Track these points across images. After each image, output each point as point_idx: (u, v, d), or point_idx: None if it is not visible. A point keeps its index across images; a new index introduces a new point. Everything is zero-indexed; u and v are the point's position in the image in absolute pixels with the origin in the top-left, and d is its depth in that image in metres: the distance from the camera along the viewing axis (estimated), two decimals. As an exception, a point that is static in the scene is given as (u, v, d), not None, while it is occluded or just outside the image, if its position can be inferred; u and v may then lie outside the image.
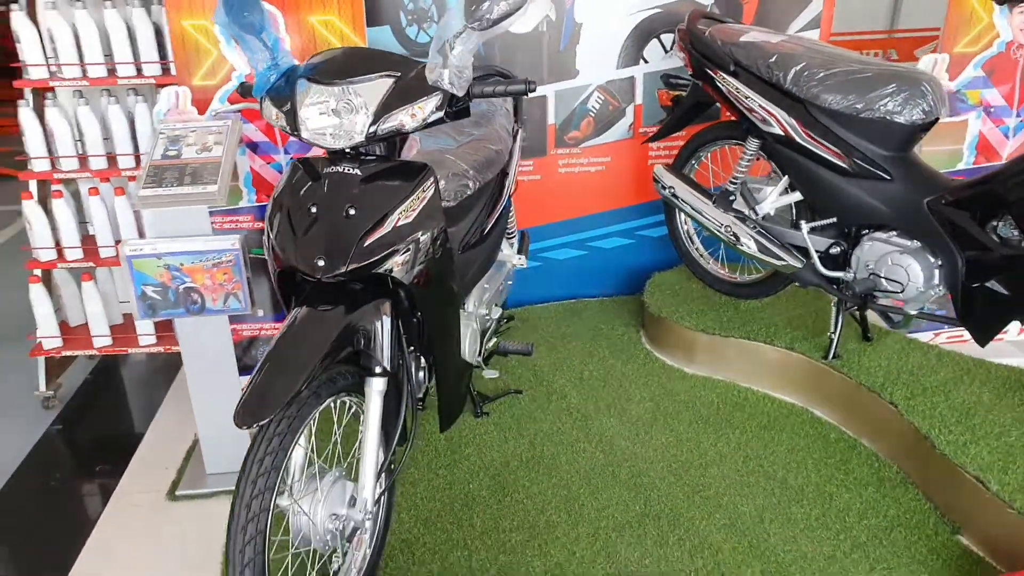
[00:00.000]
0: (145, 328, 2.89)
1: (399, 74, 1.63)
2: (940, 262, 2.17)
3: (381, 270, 1.60)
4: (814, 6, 3.07)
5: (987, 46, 2.75)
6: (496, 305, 2.60)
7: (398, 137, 1.68)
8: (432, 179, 1.69)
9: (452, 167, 2.17)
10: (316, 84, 1.61)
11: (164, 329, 2.91)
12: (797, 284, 2.57)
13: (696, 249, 3.02)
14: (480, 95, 1.71)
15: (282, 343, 1.51)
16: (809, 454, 2.34)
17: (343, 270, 1.54)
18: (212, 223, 2.25)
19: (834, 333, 2.49)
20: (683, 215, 2.91)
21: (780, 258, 2.48)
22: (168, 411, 2.87)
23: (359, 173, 1.60)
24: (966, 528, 2.01)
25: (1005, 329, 2.28)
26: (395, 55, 1.73)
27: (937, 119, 2.20)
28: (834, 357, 2.49)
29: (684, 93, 2.83)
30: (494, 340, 2.46)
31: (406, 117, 1.61)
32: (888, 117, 2.18)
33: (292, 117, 1.61)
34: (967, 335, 3.18)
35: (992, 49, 2.75)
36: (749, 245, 2.55)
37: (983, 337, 2.12)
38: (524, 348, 2.46)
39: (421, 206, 1.65)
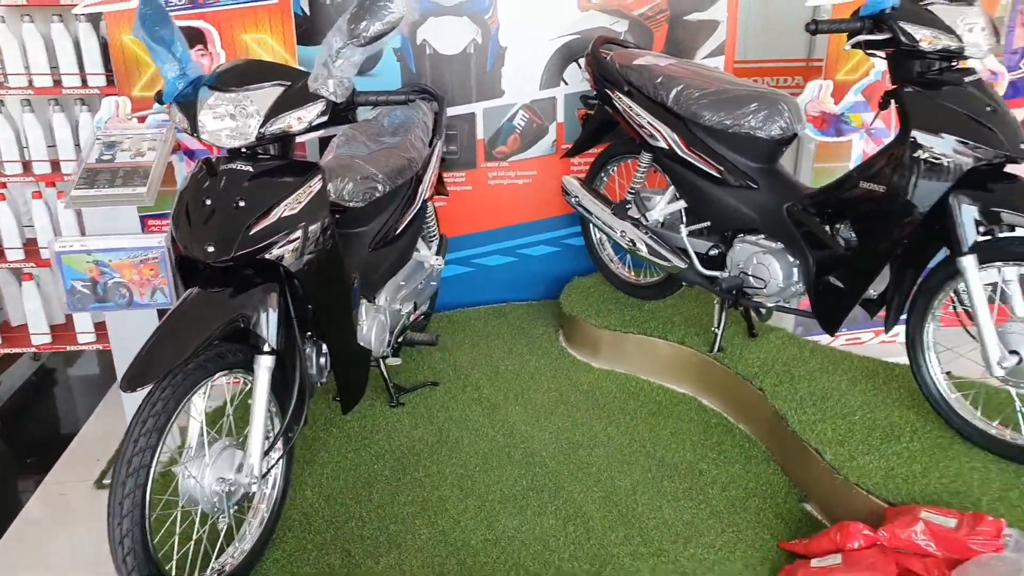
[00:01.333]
0: (84, 327, 3.09)
1: (289, 83, 1.86)
2: (797, 261, 2.41)
3: (269, 256, 1.82)
4: (718, 35, 3.35)
5: (865, 74, 3.02)
6: (416, 303, 2.83)
7: (290, 139, 1.91)
8: (319, 176, 1.92)
9: (361, 171, 2.41)
10: (216, 91, 1.84)
11: (104, 328, 3.11)
12: (685, 283, 2.80)
13: (607, 255, 3.26)
14: (363, 103, 1.95)
15: (171, 318, 1.73)
16: (689, 436, 2.56)
17: (231, 255, 1.76)
18: (148, 227, 2.47)
19: (718, 328, 2.72)
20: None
21: (667, 259, 2.71)
22: (107, 407, 3.06)
23: (251, 170, 1.83)
24: (811, 497, 2.23)
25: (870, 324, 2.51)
26: (288, 67, 1.98)
27: (795, 135, 2.45)
28: (718, 350, 2.72)
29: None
30: (406, 333, 2.68)
31: (293, 120, 1.84)
32: (752, 132, 2.43)
33: (193, 120, 1.84)
34: (864, 337, 3.44)
35: (870, 77, 3.02)
36: (642, 248, 2.79)
37: (830, 326, 2.35)
38: (430, 339, 2.68)
39: (307, 200, 1.88)
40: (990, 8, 3.03)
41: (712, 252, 2.65)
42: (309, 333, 2.15)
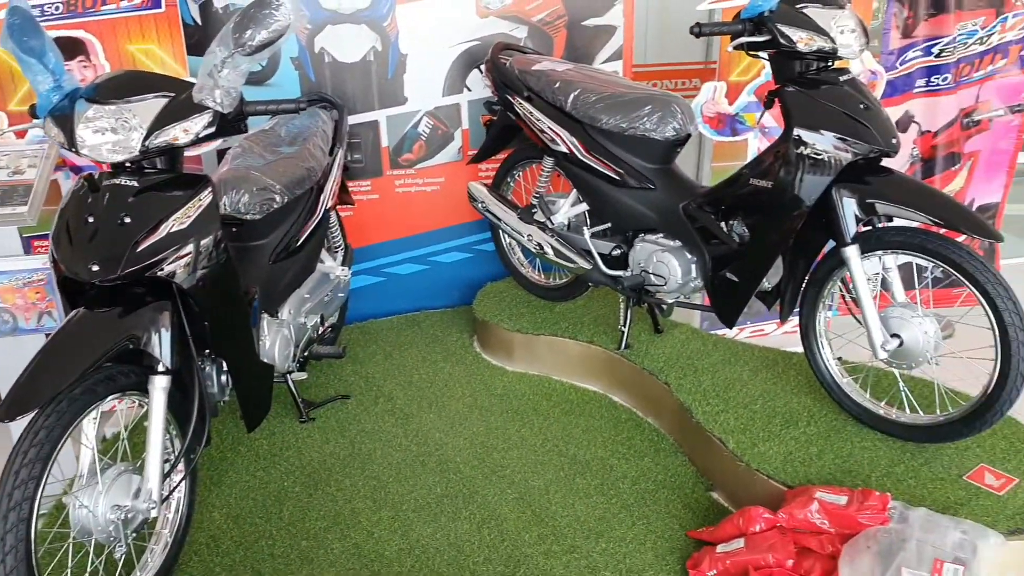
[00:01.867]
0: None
1: (173, 95, 1.81)
2: (694, 258, 2.49)
3: (159, 273, 1.76)
4: (616, 39, 3.42)
5: (756, 75, 3.15)
6: (323, 315, 2.78)
7: (177, 151, 1.85)
8: (209, 189, 1.87)
9: (258, 182, 2.36)
10: (95, 104, 1.77)
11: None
12: (591, 284, 2.86)
13: (517, 259, 3.28)
14: (253, 113, 1.91)
15: (55, 341, 1.65)
16: (600, 433, 2.60)
17: (118, 274, 1.69)
18: (35, 249, 2.35)
19: (624, 326, 2.78)
20: (503, 228, 3.18)
21: (573, 261, 2.76)
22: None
23: (136, 184, 1.77)
24: (717, 485, 2.30)
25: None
26: (172, 78, 1.92)
27: (688, 135, 2.53)
28: (625, 347, 2.78)
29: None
30: (312, 347, 2.63)
31: (178, 132, 1.79)
32: (647, 134, 2.49)
33: (71, 135, 1.76)
34: (767, 329, 3.57)
35: (760, 78, 3.15)
36: (548, 252, 2.82)
37: (728, 318, 2.43)
38: (337, 352, 2.64)
39: (197, 214, 1.82)
40: (864, 13, 3.20)
41: (615, 252, 2.70)
42: (208, 351, 2.08)
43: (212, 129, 1.82)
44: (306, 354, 2.61)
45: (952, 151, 3.54)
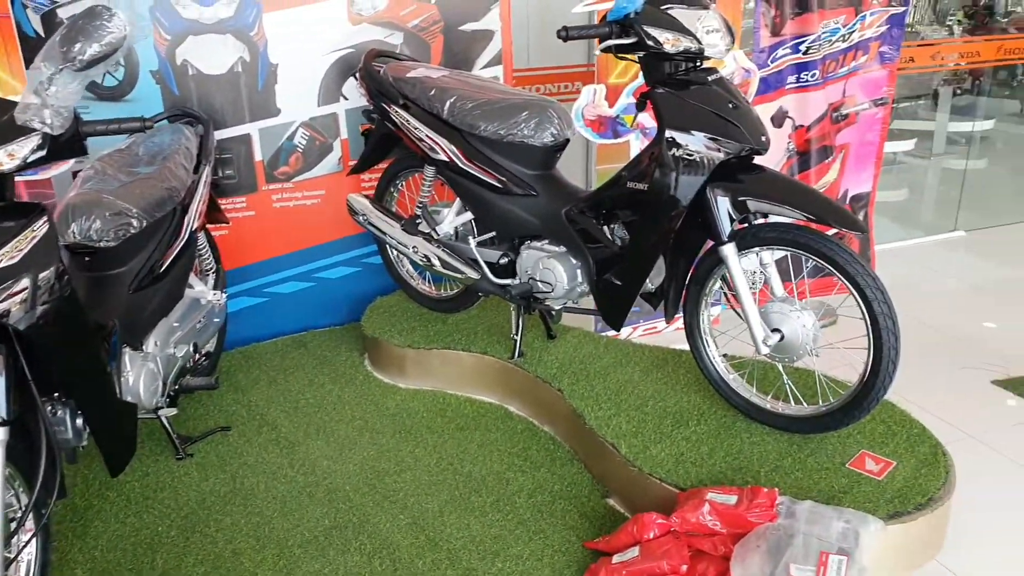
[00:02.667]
0: None
1: (-8, 117, 1.63)
2: (579, 263, 2.46)
3: (-12, 314, 1.58)
4: (495, 44, 3.38)
5: (635, 77, 3.16)
6: (197, 343, 2.61)
7: (5, 178, 1.67)
8: (44, 219, 1.70)
9: (111, 207, 2.18)
10: None
11: None
12: (481, 294, 2.80)
13: (406, 271, 3.19)
14: (92, 133, 1.75)
15: None
16: (496, 446, 2.54)
17: (-64, 317, 1.51)
18: None
19: (516, 335, 2.73)
20: (389, 241, 3.08)
21: (461, 272, 2.69)
22: None
23: (-47, 217, 1.58)
24: (613, 492, 2.28)
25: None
26: (-7, 98, 1.74)
27: (567, 140, 2.51)
28: (519, 356, 2.73)
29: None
30: (183, 379, 2.46)
31: (3, 157, 1.61)
32: (525, 141, 2.45)
33: None
34: (660, 326, 3.59)
35: (639, 80, 3.16)
36: (436, 263, 2.74)
37: (615, 322, 2.42)
38: (209, 383, 2.48)
39: (30, 246, 1.65)
40: (735, 11, 3.27)
41: (503, 261, 2.65)
42: (57, 393, 1.90)
43: (42, 153, 1.65)
44: (176, 388, 2.43)
45: (824, 144, 3.67)
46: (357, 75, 2.93)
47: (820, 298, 2.62)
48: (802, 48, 3.44)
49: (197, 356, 2.64)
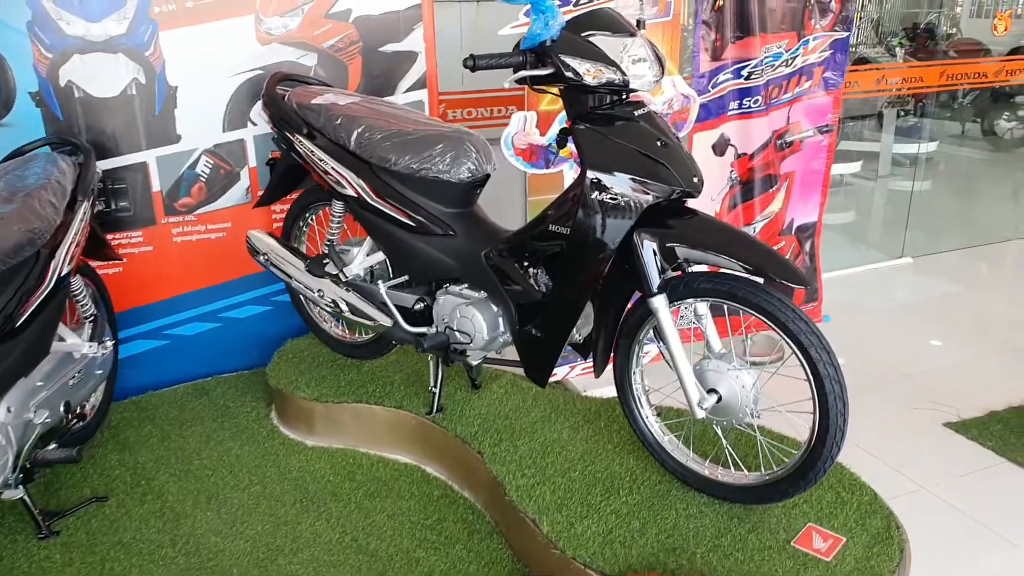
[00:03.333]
0: None
1: None
2: (500, 310, 2.22)
3: None
4: (419, 66, 3.14)
5: (567, 103, 2.94)
6: (70, 402, 2.30)
7: None
8: None
9: (-52, 256, 1.87)
10: None
11: None
12: (395, 342, 2.53)
13: (317, 313, 2.91)
14: None
15: None
16: (408, 517, 2.28)
17: None
18: None
19: (435, 387, 2.48)
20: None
21: (371, 318, 2.43)
22: None
23: None
24: (534, 573, 2.03)
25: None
26: None
27: (487, 176, 2.27)
28: (438, 411, 2.47)
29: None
30: (40, 450, 2.14)
31: None
32: (440, 176, 2.21)
33: None
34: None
35: (569, 106, 2.95)
36: (343, 308, 2.48)
37: (539, 377, 2.18)
38: (69, 455, 2.15)
39: None
40: (673, 37, 3.09)
41: (418, 306, 2.39)
42: None
43: None
44: (29, 464, 2.11)
45: (769, 172, 3.51)
46: (261, 100, 2.65)
47: (765, 332, 2.43)
48: (744, 73, 3.28)
49: (70, 417, 2.32)
